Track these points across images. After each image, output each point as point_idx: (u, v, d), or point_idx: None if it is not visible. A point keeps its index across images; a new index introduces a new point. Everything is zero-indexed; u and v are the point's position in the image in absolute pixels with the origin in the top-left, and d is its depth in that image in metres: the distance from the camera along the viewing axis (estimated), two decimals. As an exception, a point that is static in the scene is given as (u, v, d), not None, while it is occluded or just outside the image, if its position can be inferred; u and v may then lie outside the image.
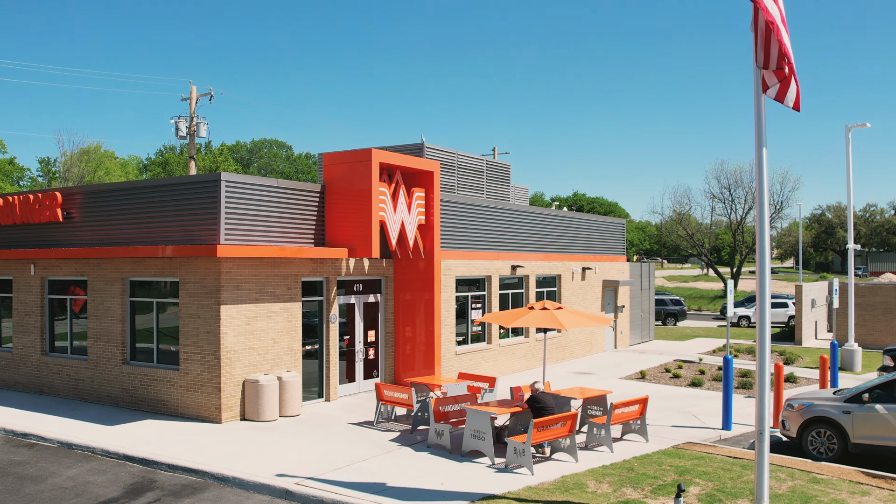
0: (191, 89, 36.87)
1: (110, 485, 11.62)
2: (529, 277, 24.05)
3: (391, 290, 19.26)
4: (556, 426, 12.15)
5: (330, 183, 17.33)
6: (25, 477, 12.06)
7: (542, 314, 13.08)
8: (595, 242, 28.28)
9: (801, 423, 13.44)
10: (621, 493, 10.87)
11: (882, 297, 31.74)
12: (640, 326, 31.72)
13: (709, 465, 12.36)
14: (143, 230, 16.35)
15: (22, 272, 19.10)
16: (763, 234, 9.88)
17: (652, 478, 11.60)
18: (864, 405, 12.83)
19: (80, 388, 17.59)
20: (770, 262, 10.87)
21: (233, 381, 15.17)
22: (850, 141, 24.38)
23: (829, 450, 13.14)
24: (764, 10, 9.86)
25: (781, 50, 9.91)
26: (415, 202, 18.26)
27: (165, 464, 12.36)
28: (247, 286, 15.44)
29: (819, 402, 13.41)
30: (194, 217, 15.35)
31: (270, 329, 15.95)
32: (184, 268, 15.53)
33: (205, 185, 15.27)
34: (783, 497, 10.79)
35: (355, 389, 18.38)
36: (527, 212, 24.35)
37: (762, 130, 10.13)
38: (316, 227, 17.15)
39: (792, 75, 10.00)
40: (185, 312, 15.45)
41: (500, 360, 22.32)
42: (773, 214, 63.46)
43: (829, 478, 11.82)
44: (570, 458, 12.62)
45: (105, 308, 17.09)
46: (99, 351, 17.18)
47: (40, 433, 14.43)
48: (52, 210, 17.99)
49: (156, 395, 16.04)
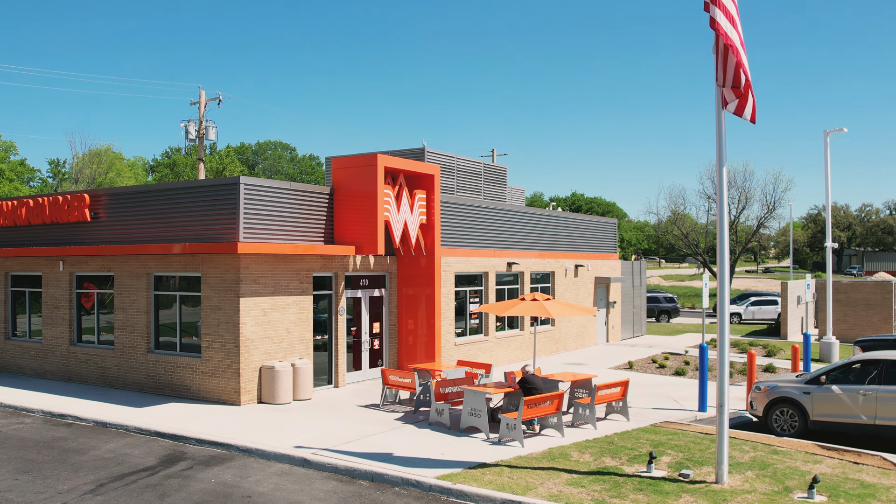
0: (200, 94, 38.24)
1: (146, 456, 13.04)
2: (524, 274, 25.45)
3: (395, 285, 20.66)
4: (545, 404, 13.55)
5: (338, 185, 18.72)
6: (69, 450, 13.46)
7: (531, 304, 14.50)
8: (587, 241, 29.67)
9: (767, 404, 14.85)
10: (601, 461, 12.28)
11: (863, 293, 33.14)
12: (631, 322, 33.11)
13: (681, 440, 13.77)
14: (167, 229, 17.75)
15: (51, 268, 20.50)
16: (723, 236, 11.27)
17: (629, 449, 13.01)
18: (822, 386, 14.24)
19: (107, 376, 18.99)
20: (728, 262, 12.25)
21: (250, 367, 16.58)
22: (829, 145, 25.73)
23: (791, 427, 14.55)
24: (723, 35, 11.25)
25: (739, 70, 11.30)
26: (417, 203, 19.65)
27: (194, 438, 13.77)
28: (263, 280, 16.84)
29: (782, 385, 14.82)
30: (215, 217, 16.75)
31: (284, 320, 17.35)
32: (205, 263, 16.93)
33: (225, 188, 16.67)
34: (745, 465, 12.20)
35: (361, 377, 19.78)
36: (522, 212, 25.74)
37: (722, 141, 11.52)
38: (325, 226, 18.55)
39: (748, 91, 11.39)
40: (207, 304, 16.86)
41: (497, 352, 23.72)
42: (766, 214, 64.67)
43: (788, 450, 13.23)
44: (557, 433, 14.02)
45: (131, 301, 18.49)
46: (125, 341, 18.59)
47: (76, 413, 15.84)
48: (80, 210, 19.38)
49: (179, 381, 17.45)
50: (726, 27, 11.29)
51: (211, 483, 11.47)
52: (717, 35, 11.35)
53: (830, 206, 25.97)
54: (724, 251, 11.25)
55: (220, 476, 11.83)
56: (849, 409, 13.87)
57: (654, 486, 11.03)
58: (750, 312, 44.90)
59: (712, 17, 11.28)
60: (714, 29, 11.23)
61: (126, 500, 10.70)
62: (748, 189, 65.97)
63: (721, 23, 11.21)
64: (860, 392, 13.79)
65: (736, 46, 11.36)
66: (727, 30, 11.29)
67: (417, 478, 11.26)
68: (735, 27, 11.50)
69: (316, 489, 11.19)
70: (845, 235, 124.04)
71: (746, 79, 11.37)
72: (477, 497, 10.58)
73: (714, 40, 11.45)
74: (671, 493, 10.66)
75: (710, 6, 11.34)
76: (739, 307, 46.41)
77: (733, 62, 11.31)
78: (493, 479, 11.23)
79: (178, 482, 11.52)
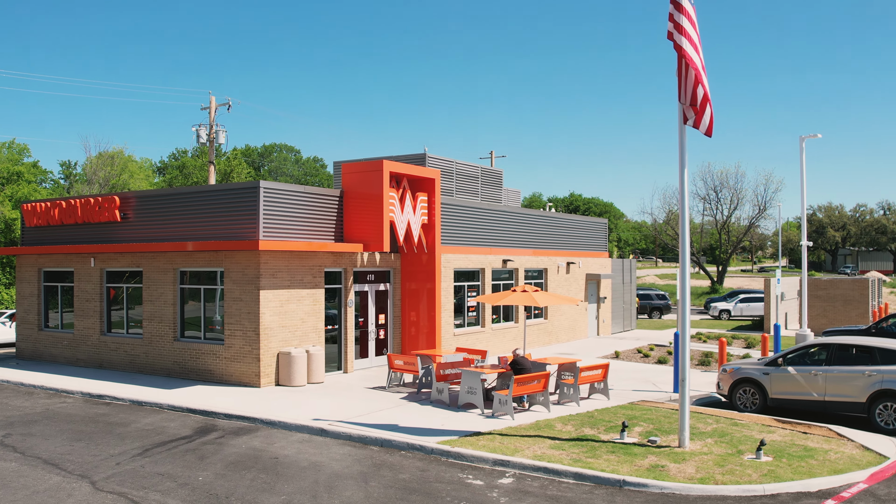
0: (210, 99, 39.99)
1: (181, 427, 14.82)
2: (519, 270, 27.23)
3: (398, 280, 22.44)
4: (533, 383, 15.34)
5: (347, 188, 20.50)
6: (112, 423, 15.25)
7: (522, 295, 16.29)
8: (579, 240, 31.45)
9: (731, 384, 16.63)
10: (581, 431, 14.07)
11: (841, 290, 34.94)
12: (621, 317, 34.89)
13: (653, 415, 15.56)
14: (192, 228, 19.52)
15: (83, 264, 22.28)
16: (684, 238, 13.03)
17: (606, 422, 14.80)
18: (780, 368, 16.02)
19: (136, 362, 20.77)
20: (689, 260, 14.00)
21: (269, 352, 18.36)
22: (804, 150, 27.43)
23: (752, 404, 16.33)
24: (688, 58, 12.96)
25: (697, 89, 13.03)
26: (419, 204, 21.43)
27: (222, 413, 15.56)
28: (280, 275, 18.62)
29: (745, 367, 16.60)
30: (237, 217, 18.53)
31: (299, 311, 19.13)
32: (228, 259, 18.71)
33: (246, 191, 18.45)
34: (706, 433, 13.99)
35: (368, 364, 21.57)
36: (517, 212, 27.53)
37: (684, 151, 13.28)
38: (336, 225, 20.33)
39: (705, 108, 13.11)
40: (230, 296, 18.64)
41: (492, 342, 25.50)
42: (757, 215, 66.63)
43: (747, 423, 15.01)
44: (544, 409, 15.81)
45: (159, 294, 20.28)
46: (153, 330, 20.37)
47: (112, 394, 17.64)
48: (110, 211, 21.16)
49: (204, 366, 19.23)
50: (690, 51, 13.01)
51: (242, 448, 13.26)
52: (680, 58, 13.07)
53: (805, 210, 27.68)
54: (685, 250, 13.02)
55: (250, 443, 13.62)
56: (802, 387, 15.65)
57: (625, 449, 12.81)
58: (739, 309, 46.70)
59: (678, 44, 12.99)
60: (681, 54, 12.93)
61: (171, 461, 12.48)
62: (740, 190, 67.95)
63: (687, 49, 12.92)
64: (812, 372, 15.57)
65: (698, 69, 13.08)
66: (691, 53, 12.99)
67: (421, 443, 13.05)
68: (697, 51, 13.23)
69: (333, 453, 12.97)
70: (840, 235, 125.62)
71: (705, 97, 13.12)
72: (472, 458, 12.37)
73: (678, 64, 13.19)
74: (639, 454, 12.46)
75: (674, 34, 13.07)
76: (729, 304, 48.18)
77: (692, 82, 13.05)
78: (486, 444, 13.02)
79: (213, 447, 13.31)
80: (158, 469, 12.02)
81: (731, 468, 11.81)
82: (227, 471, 11.90)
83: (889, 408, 14.67)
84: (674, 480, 11.16)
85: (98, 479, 11.48)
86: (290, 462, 12.41)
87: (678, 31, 13.07)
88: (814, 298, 35.54)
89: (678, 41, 13.04)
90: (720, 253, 69.65)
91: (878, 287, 38.38)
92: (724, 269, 69.04)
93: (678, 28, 13.08)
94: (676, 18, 13.11)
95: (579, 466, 11.74)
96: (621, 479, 11.25)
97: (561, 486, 11.24)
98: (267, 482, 11.32)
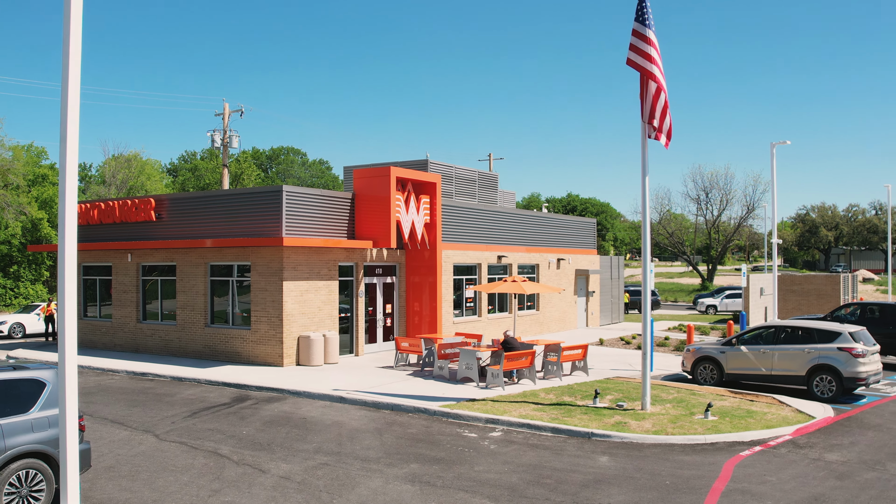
0: (224, 106, 42.55)
1: (220, 397, 17.35)
2: (512, 265, 29.76)
3: (403, 273, 24.95)
4: (521, 359, 17.86)
5: (358, 191, 23.02)
6: (159, 394, 17.78)
7: (512, 284, 18.86)
8: (569, 238, 33.97)
9: (693, 361, 19.16)
10: (560, 398, 16.60)
11: (815, 285, 37.49)
12: (609, 310, 37.42)
13: (624, 387, 18.08)
14: (221, 227, 22.04)
15: (120, 259, 24.80)
16: (645, 239, 15.53)
17: (583, 392, 17.33)
18: (734, 347, 18.53)
19: (170, 347, 23.30)
20: (650, 258, 16.54)
21: (291, 336, 20.88)
22: (775, 156, 29.91)
23: (711, 378, 18.84)
24: (652, 77, 15.34)
25: (655, 106, 15.43)
26: (422, 206, 23.94)
27: (254, 386, 18.09)
28: (300, 268, 21.13)
29: (705, 347, 19.12)
30: (262, 217, 21.05)
31: (316, 300, 21.65)
32: (254, 254, 21.23)
33: (271, 194, 20.97)
34: (667, 400, 16.51)
35: (377, 349, 24.09)
36: (511, 213, 30.05)
37: (646, 162, 15.76)
38: (348, 224, 22.84)
39: (663, 121, 15.51)
40: (256, 287, 21.16)
41: (488, 329, 28.02)
42: (745, 215, 69.09)
43: (704, 393, 17.53)
44: (530, 382, 18.33)
45: (191, 285, 22.80)
46: (186, 318, 22.90)
47: (154, 372, 20.16)
48: (146, 212, 23.69)
49: (232, 349, 21.75)
50: (655, 71, 15.37)
51: (274, 411, 15.79)
52: (643, 78, 15.46)
53: (776, 213, 30.19)
54: (646, 249, 15.54)
55: (280, 408, 16.15)
56: (753, 363, 18.17)
57: (596, 411, 15.34)
58: (724, 304, 49.34)
59: (648, 70, 15.30)
60: (651, 79, 15.30)
61: (216, 420, 15.01)
62: (729, 191, 70.45)
63: (655, 73, 15.31)
64: (761, 350, 18.09)
65: (661, 88, 15.43)
66: (655, 73, 15.35)
67: (425, 406, 15.58)
68: (660, 71, 15.57)
69: (352, 415, 15.50)
70: (832, 235, 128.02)
71: (664, 113, 15.52)
72: (468, 417, 14.89)
73: (642, 85, 15.59)
74: (607, 415, 14.98)
75: (637, 61, 15.44)
76: (715, 300, 50.78)
77: (651, 100, 15.46)
78: (479, 407, 15.55)
79: (250, 411, 15.83)
80: (207, 426, 14.54)
81: (682, 424, 14.33)
82: (264, 427, 14.43)
83: (824, 379, 17.19)
84: (633, 432, 13.69)
85: (160, 433, 14.00)
86: (317, 421, 14.93)
87: (644, 57, 15.43)
88: (790, 293, 38.07)
89: (646, 66, 15.36)
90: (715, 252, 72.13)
91: (852, 283, 40.82)
92: (714, 267, 71.53)
93: (643, 55, 15.44)
94: (640, 46, 15.48)
95: (556, 423, 14.27)
96: (590, 432, 13.78)
97: (541, 438, 13.76)
98: (299, 434, 13.85)
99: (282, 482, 11.01)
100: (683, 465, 12.00)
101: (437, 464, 11.98)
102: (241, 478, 11.23)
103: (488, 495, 10.46)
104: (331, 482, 11.02)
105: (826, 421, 15.22)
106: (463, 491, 10.65)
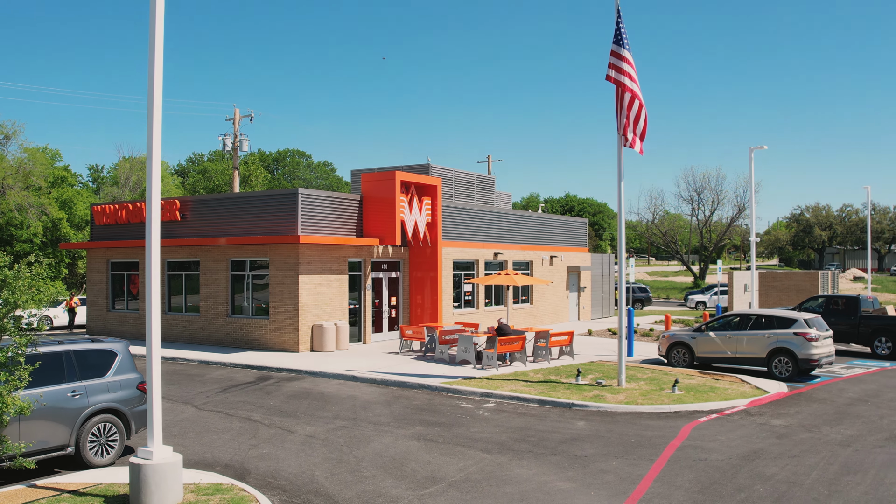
0: (234, 111, 44.60)
1: (246, 377, 19.53)
2: (508, 262, 31.92)
3: (407, 269, 27.12)
4: (513, 343, 20.03)
5: (366, 193, 25.19)
6: (190, 374, 19.95)
7: (505, 277, 21.09)
8: (561, 236, 36.14)
9: (668, 346, 21.32)
10: (547, 377, 18.78)
11: (795, 281, 39.69)
12: (601, 304, 39.58)
13: (605, 368, 20.26)
14: (241, 226, 24.20)
15: (146, 256, 26.95)
16: (621, 237, 17.68)
17: (567, 372, 19.51)
18: (703, 333, 20.70)
19: (194, 336, 25.47)
20: (625, 258, 18.81)
21: (306, 325, 23.04)
22: (753, 160, 32.01)
23: (683, 361, 21.01)
24: (626, 89, 17.42)
25: (629, 115, 17.51)
26: (424, 206, 26.11)
27: (275, 367, 20.27)
28: (314, 263, 23.29)
29: (679, 333, 21.29)
30: (279, 216, 23.21)
31: (328, 292, 23.82)
32: (272, 251, 23.40)
33: (287, 196, 23.15)
34: (641, 379, 18.67)
35: (383, 338, 26.26)
36: (506, 213, 32.22)
37: (621, 167, 17.91)
38: (357, 223, 25.00)
39: (637, 126, 17.60)
40: (274, 280, 23.33)
41: (485, 321, 30.19)
42: (736, 215, 71.23)
43: (675, 373, 19.69)
44: (521, 364, 20.51)
45: (214, 279, 24.97)
46: (209, 309, 25.07)
47: (182, 357, 22.33)
48: (171, 212, 25.86)
49: (252, 337, 23.92)
50: (629, 83, 17.43)
51: (295, 388, 17.95)
52: (618, 89, 17.53)
53: (754, 215, 32.29)
54: (621, 247, 17.70)
55: (300, 385, 18.32)
56: (719, 347, 20.33)
57: (578, 387, 17.51)
58: (713, 301, 51.49)
59: (625, 84, 17.37)
60: (629, 93, 17.40)
61: (245, 395, 17.17)
62: (721, 192, 72.61)
63: (631, 87, 17.38)
64: (728, 336, 20.25)
65: (637, 97, 17.47)
66: (629, 84, 17.41)
67: (428, 383, 17.76)
68: (635, 82, 17.58)
69: (363, 390, 17.67)
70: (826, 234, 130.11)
71: (636, 121, 17.60)
72: (465, 392, 17.06)
73: (618, 99, 17.67)
74: (587, 390, 17.15)
75: (615, 77, 17.54)
76: (705, 296, 52.95)
77: (625, 110, 17.53)
78: (475, 383, 17.73)
79: (274, 388, 18.00)
80: (238, 399, 16.71)
81: (651, 397, 16.51)
82: (288, 399, 16.60)
83: (782, 361, 19.35)
84: (608, 403, 15.86)
85: (198, 404, 16.16)
86: (333, 394, 17.11)
87: (621, 73, 17.49)
88: (771, 289, 40.22)
89: (622, 81, 17.44)
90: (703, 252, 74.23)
91: (832, 279, 42.96)
92: (706, 266, 73.65)
93: (621, 71, 17.51)
94: (618, 64, 17.56)
95: (542, 396, 16.44)
96: (570, 403, 15.95)
97: (528, 408, 15.93)
98: (319, 405, 16.02)
99: (308, 440, 13.17)
100: (648, 428, 14.16)
101: (438, 427, 14.14)
102: (274, 437, 13.40)
103: (481, 448, 12.62)
104: (349, 439, 13.18)
105: (779, 395, 17.39)
106: (460, 446, 12.81)
